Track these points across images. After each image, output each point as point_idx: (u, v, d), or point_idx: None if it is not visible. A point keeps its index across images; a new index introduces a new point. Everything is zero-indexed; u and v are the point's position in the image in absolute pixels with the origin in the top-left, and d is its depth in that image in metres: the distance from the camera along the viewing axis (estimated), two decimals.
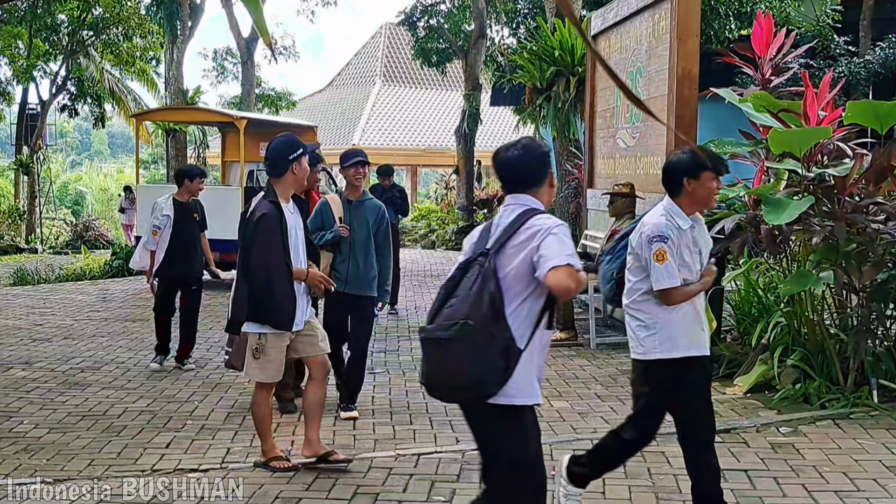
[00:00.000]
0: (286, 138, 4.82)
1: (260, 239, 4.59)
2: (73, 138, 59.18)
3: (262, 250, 4.59)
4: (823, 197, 6.00)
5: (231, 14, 24.36)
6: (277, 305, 4.63)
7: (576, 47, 11.95)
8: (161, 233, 7.38)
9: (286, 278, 4.64)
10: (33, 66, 25.35)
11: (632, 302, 3.95)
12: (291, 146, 4.74)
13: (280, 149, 4.73)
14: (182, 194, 7.53)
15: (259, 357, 4.68)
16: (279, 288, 4.62)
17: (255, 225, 4.59)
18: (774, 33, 6.96)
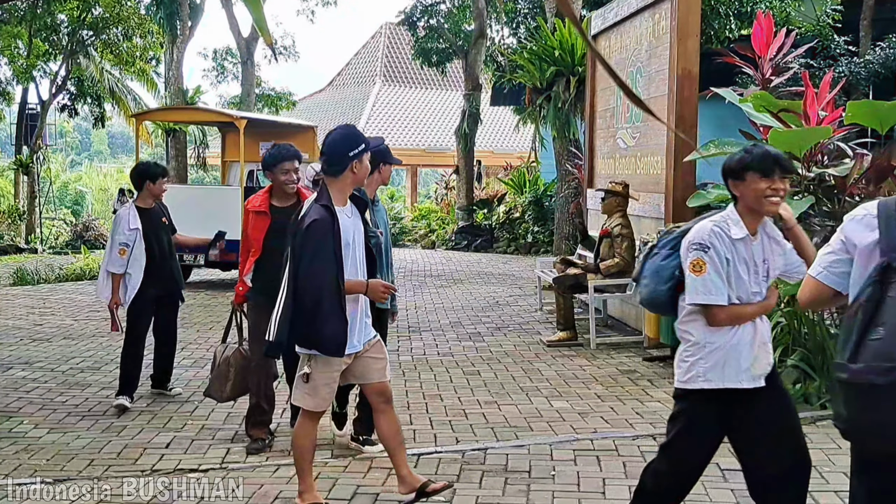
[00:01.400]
0: (345, 131, 4.20)
1: (309, 249, 3.95)
2: (73, 138, 59.20)
3: (311, 262, 3.94)
4: (823, 197, 6.01)
5: (231, 14, 24.36)
6: (325, 328, 3.97)
7: (576, 47, 11.96)
8: (129, 251, 6.27)
9: (337, 296, 3.96)
10: (33, 65, 25.34)
11: (680, 320, 3.50)
12: (351, 141, 4.10)
13: (338, 143, 4.10)
14: (145, 199, 6.44)
15: (307, 381, 4.10)
16: (328, 307, 3.94)
17: (305, 233, 3.96)
18: (774, 33, 6.97)
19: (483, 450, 5.22)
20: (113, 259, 6.31)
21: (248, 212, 5.33)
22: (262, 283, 5.15)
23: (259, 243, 5.24)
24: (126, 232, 6.29)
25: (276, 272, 4.40)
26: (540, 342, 8.50)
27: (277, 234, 4.90)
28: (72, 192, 40.87)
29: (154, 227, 6.43)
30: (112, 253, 6.32)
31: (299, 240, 4.00)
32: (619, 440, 5.35)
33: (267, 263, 5.07)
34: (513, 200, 20.12)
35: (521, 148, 28.65)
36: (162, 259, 6.45)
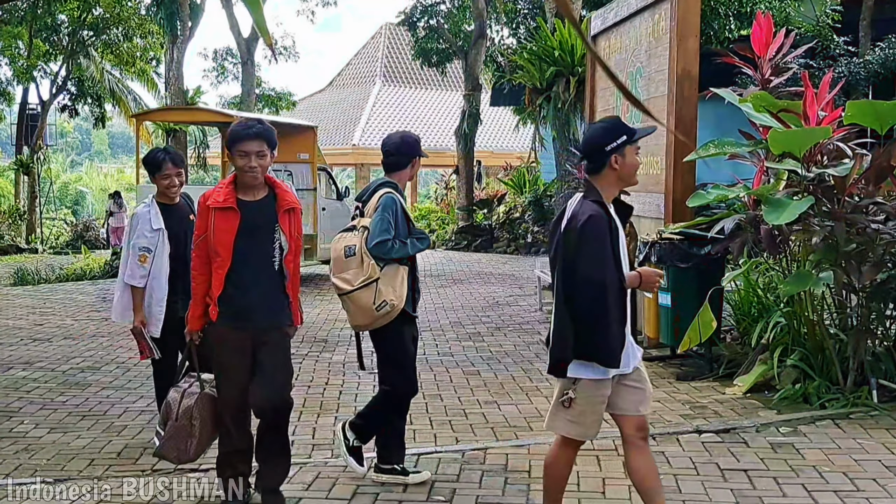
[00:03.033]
0: (605, 123, 3.74)
1: (588, 249, 3.47)
2: (74, 138, 59.21)
3: (592, 263, 3.46)
4: (823, 197, 6.00)
5: (231, 14, 24.37)
6: (608, 336, 3.48)
7: (576, 47, 11.97)
8: (151, 257, 5.09)
9: (619, 301, 3.53)
10: (33, 66, 25.36)
11: None
12: (610, 132, 3.61)
13: (595, 137, 3.64)
14: (163, 194, 5.27)
15: (570, 407, 3.61)
16: (612, 312, 3.49)
17: (581, 231, 3.47)
18: (774, 33, 6.96)
19: (483, 450, 5.22)
20: (132, 268, 5.10)
21: (208, 209, 4.13)
22: (230, 304, 4.14)
23: (229, 249, 4.09)
24: (147, 234, 5.09)
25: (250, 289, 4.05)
26: (540, 342, 8.50)
27: (249, 237, 4.12)
28: (72, 192, 40.92)
29: (180, 227, 5.15)
30: (131, 261, 5.12)
31: (572, 240, 3.50)
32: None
33: (237, 277, 4.11)
34: (513, 200, 20.13)
35: (521, 148, 28.64)
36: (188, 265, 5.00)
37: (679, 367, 7.16)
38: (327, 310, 10.75)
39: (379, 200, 4.59)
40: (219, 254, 4.12)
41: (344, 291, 4.49)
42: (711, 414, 5.88)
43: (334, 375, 7.27)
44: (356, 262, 4.49)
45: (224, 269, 4.12)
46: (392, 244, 4.49)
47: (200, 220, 4.21)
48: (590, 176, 3.65)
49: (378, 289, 4.42)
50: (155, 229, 5.13)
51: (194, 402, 4.30)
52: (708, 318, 6.38)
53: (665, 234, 7.12)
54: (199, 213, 4.25)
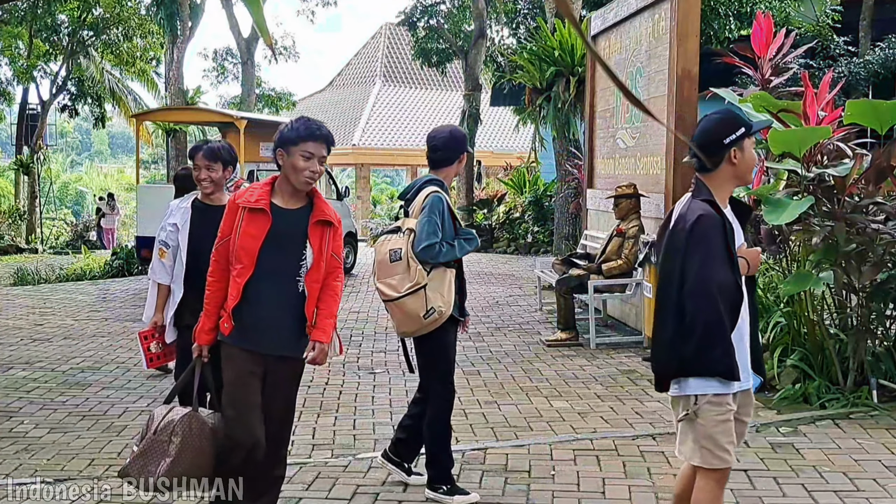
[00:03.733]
0: (722, 115, 3.37)
1: (699, 252, 3.13)
2: (74, 138, 59.26)
3: (704, 267, 3.12)
4: (823, 197, 6.00)
5: (231, 14, 24.37)
6: (725, 345, 3.10)
7: (576, 47, 11.97)
8: (170, 252, 4.78)
9: (737, 308, 3.18)
10: (33, 66, 25.38)
11: None
12: (728, 124, 3.28)
13: (711, 129, 3.28)
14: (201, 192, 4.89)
15: (695, 429, 3.18)
16: (727, 321, 3.11)
17: (691, 233, 3.15)
18: (774, 33, 6.97)
19: (483, 450, 5.22)
20: (154, 262, 4.85)
21: (236, 208, 3.69)
22: (242, 320, 3.64)
23: (252, 257, 3.61)
24: (167, 227, 4.79)
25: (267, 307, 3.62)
26: (540, 342, 8.50)
27: (277, 248, 3.64)
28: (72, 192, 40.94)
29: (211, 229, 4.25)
30: (155, 254, 4.87)
31: (681, 243, 3.17)
32: (618, 440, 5.35)
33: (255, 291, 3.63)
34: (513, 200, 20.13)
35: (521, 148, 28.66)
36: None
37: None
38: None
39: (425, 200, 4.35)
40: (241, 260, 3.61)
41: (390, 298, 4.27)
42: None
43: (334, 375, 7.27)
44: (402, 267, 4.26)
45: (244, 279, 3.61)
46: (440, 248, 4.26)
47: (227, 219, 3.69)
48: (701, 174, 3.29)
49: (426, 295, 4.21)
50: (172, 224, 4.73)
51: (179, 417, 3.65)
52: None
53: None
54: (226, 213, 3.72)
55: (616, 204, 8.37)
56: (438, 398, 4.45)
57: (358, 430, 5.69)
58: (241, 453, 3.64)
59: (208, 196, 4.73)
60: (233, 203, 3.73)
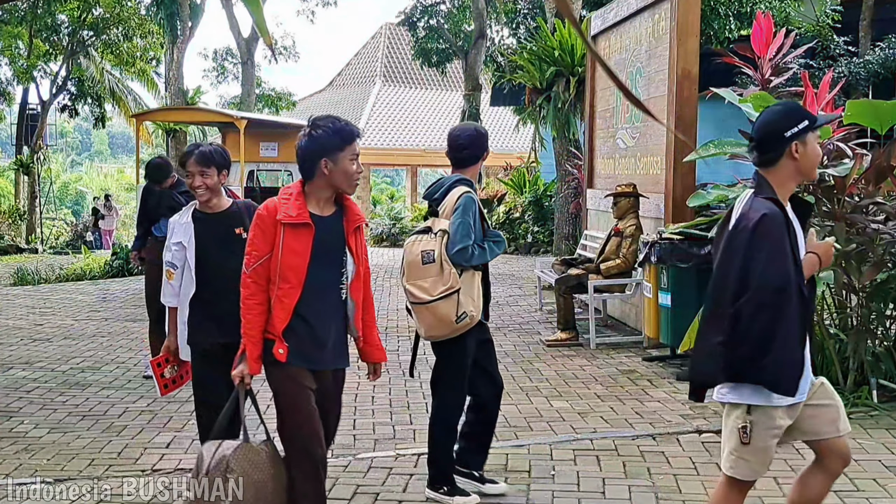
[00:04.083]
0: (784, 106, 3.20)
1: (762, 252, 2.95)
2: (74, 138, 59.26)
3: (767, 268, 2.94)
4: (823, 197, 6.01)
5: (231, 14, 24.37)
6: (781, 354, 2.95)
7: (576, 47, 11.97)
8: (178, 273, 4.32)
9: (799, 313, 3.00)
10: (33, 66, 25.38)
11: None
12: (790, 116, 3.09)
13: (772, 122, 3.10)
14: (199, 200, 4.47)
15: (748, 442, 3.08)
16: (787, 327, 2.96)
17: (753, 232, 2.97)
18: (774, 33, 6.97)
19: None
20: (164, 285, 4.43)
21: (276, 225, 3.41)
22: (300, 342, 3.45)
23: (301, 275, 3.40)
24: (171, 247, 4.33)
25: (324, 323, 3.46)
26: (540, 342, 8.50)
27: (321, 260, 3.45)
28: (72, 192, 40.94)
29: (215, 241, 4.27)
30: (164, 276, 4.45)
31: (742, 243, 2.99)
32: (618, 440, 5.35)
33: (307, 308, 3.44)
34: (513, 200, 20.12)
35: (521, 148, 28.64)
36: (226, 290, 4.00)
37: (679, 367, 7.16)
38: None
39: (458, 201, 4.23)
40: (288, 280, 3.39)
41: (422, 301, 4.16)
42: (711, 414, 5.87)
43: None
44: (435, 270, 4.14)
45: (293, 300, 3.39)
46: (473, 250, 4.18)
47: (263, 238, 3.40)
48: (762, 169, 3.12)
49: (459, 300, 4.13)
50: (176, 243, 4.29)
51: (231, 452, 3.39)
52: None
53: (665, 234, 7.12)
54: (260, 230, 3.42)
55: (615, 203, 8.37)
56: (449, 402, 4.39)
57: (358, 430, 5.69)
58: (316, 472, 3.49)
59: (207, 204, 4.31)
60: (267, 218, 3.42)
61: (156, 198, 7.22)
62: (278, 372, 3.45)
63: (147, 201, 7.39)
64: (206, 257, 4.20)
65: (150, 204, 7.32)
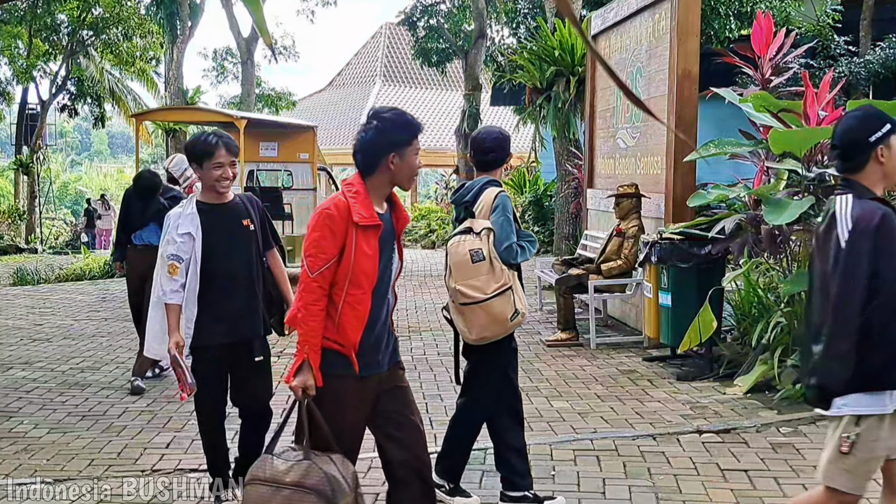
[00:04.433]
0: (865, 112, 3.16)
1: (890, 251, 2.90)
2: (73, 138, 59.26)
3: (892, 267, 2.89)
4: (824, 197, 6.01)
5: (231, 14, 24.37)
6: None
7: (576, 47, 11.97)
8: (183, 266, 4.07)
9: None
10: (33, 66, 25.38)
11: None
12: (871, 121, 3.07)
13: (853, 128, 3.08)
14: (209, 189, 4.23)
15: (849, 453, 3.01)
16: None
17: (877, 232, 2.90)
18: (774, 33, 6.97)
19: (483, 450, 5.21)
20: (163, 281, 4.10)
21: (347, 226, 3.17)
22: (366, 347, 3.25)
23: (373, 279, 3.22)
24: (177, 239, 4.07)
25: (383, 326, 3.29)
26: (540, 342, 8.50)
27: (384, 261, 3.27)
28: (72, 192, 40.93)
29: (222, 232, 4.13)
30: (162, 272, 4.13)
31: (867, 244, 2.89)
32: (619, 440, 5.35)
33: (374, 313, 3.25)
34: (513, 200, 20.13)
35: (521, 148, 28.65)
36: (233, 286, 4.11)
37: (679, 368, 7.16)
38: None
39: (496, 200, 4.23)
40: (360, 285, 3.17)
41: (475, 300, 4.06)
42: (712, 414, 5.88)
43: None
44: (486, 268, 4.05)
45: (366, 306, 3.19)
46: (516, 248, 4.16)
47: (332, 240, 3.15)
48: (849, 175, 3.08)
49: (513, 297, 4.08)
50: (183, 234, 4.06)
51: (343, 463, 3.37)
52: (708, 318, 6.39)
53: (665, 234, 7.12)
54: (330, 231, 3.16)
55: (617, 203, 8.37)
56: (482, 402, 4.33)
57: None
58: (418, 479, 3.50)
59: (222, 195, 4.18)
60: (338, 219, 3.16)
61: (139, 205, 7.02)
62: (342, 386, 3.21)
63: (130, 208, 7.18)
64: (213, 250, 4.07)
65: (132, 211, 7.11)
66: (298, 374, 3.16)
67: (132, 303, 7.11)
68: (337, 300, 3.17)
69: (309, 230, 3.20)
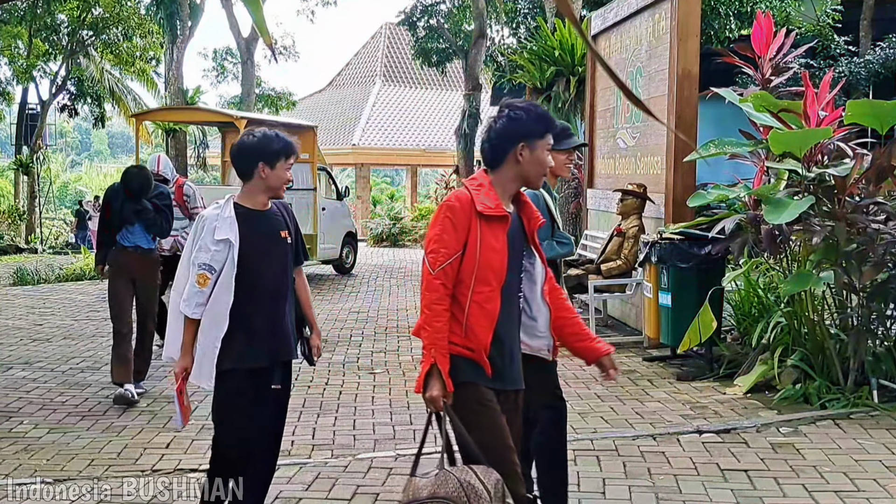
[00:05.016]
0: None
1: None
2: (73, 138, 59.25)
3: None
4: (823, 197, 6.00)
5: (231, 14, 24.37)
6: None
7: (576, 47, 11.97)
8: (214, 278, 3.61)
9: None
10: (33, 66, 25.37)
11: None
12: None
13: None
14: (253, 193, 3.77)
15: None
16: None
17: None
18: (774, 33, 6.97)
19: None
20: (188, 292, 3.64)
21: (471, 217, 3.00)
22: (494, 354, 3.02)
23: (502, 276, 3.01)
24: (211, 246, 3.61)
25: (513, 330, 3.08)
26: None
27: (512, 260, 3.07)
28: (72, 192, 40.90)
29: (262, 242, 3.71)
30: (189, 281, 3.66)
31: None
32: (619, 440, 5.35)
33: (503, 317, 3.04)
34: None
35: None
36: (265, 303, 3.69)
37: (679, 368, 7.16)
38: (326, 310, 10.76)
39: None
40: (488, 281, 2.97)
41: None
42: (712, 414, 5.88)
43: (334, 375, 7.27)
44: None
45: (496, 305, 2.98)
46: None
47: (455, 232, 2.96)
48: None
49: None
50: (220, 240, 3.60)
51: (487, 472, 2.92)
52: (708, 318, 6.39)
53: (665, 234, 7.12)
54: (451, 223, 2.97)
55: (621, 199, 8.34)
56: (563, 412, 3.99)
57: (358, 430, 5.69)
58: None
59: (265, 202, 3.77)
60: (460, 210, 2.98)
61: (129, 203, 6.53)
62: (473, 394, 2.97)
63: (112, 205, 6.64)
64: (247, 260, 3.62)
65: (114, 208, 6.60)
66: (428, 382, 2.93)
67: (114, 313, 6.59)
68: (463, 300, 2.96)
69: (430, 226, 3.05)
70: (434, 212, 12.71)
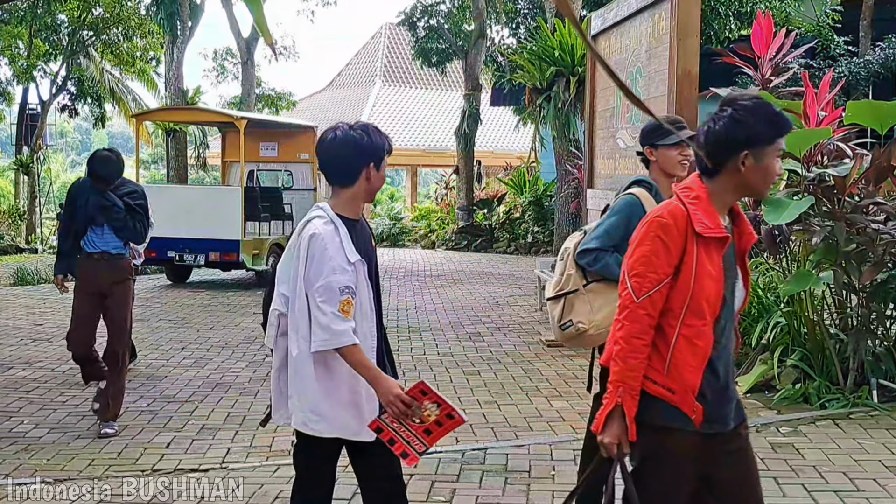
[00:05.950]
0: None
1: None
2: (74, 138, 59.25)
3: None
4: (823, 197, 6.01)
5: (231, 14, 24.37)
6: None
7: (576, 47, 11.98)
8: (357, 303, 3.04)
9: None
10: (33, 66, 25.35)
11: None
12: None
13: None
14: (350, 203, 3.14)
15: None
16: None
17: None
18: (774, 33, 6.97)
19: (483, 450, 5.22)
20: (332, 321, 2.95)
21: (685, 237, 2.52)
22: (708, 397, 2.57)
23: (717, 308, 2.55)
24: (346, 266, 3.01)
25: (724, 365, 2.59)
26: (540, 342, 8.50)
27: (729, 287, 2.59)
28: None
29: (370, 257, 3.20)
30: (327, 310, 2.95)
31: None
32: None
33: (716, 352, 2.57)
34: (513, 200, 20.14)
35: (521, 148, 28.66)
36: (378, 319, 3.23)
37: None
38: None
39: (616, 202, 3.88)
40: (702, 314, 2.52)
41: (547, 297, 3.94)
42: None
43: None
44: (560, 268, 3.87)
45: (708, 342, 2.53)
46: (597, 255, 3.70)
47: (667, 255, 2.52)
48: None
49: (567, 304, 3.75)
50: (353, 262, 3.03)
51: None
52: None
53: None
54: (663, 243, 2.52)
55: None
56: None
57: None
58: None
59: (357, 211, 3.19)
60: (674, 229, 2.52)
61: (95, 199, 5.57)
62: (669, 442, 2.59)
63: (76, 202, 5.67)
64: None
65: (79, 205, 5.63)
66: (608, 423, 2.58)
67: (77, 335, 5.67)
68: (670, 333, 2.53)
69: (633, 243, 2.58)
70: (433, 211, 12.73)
